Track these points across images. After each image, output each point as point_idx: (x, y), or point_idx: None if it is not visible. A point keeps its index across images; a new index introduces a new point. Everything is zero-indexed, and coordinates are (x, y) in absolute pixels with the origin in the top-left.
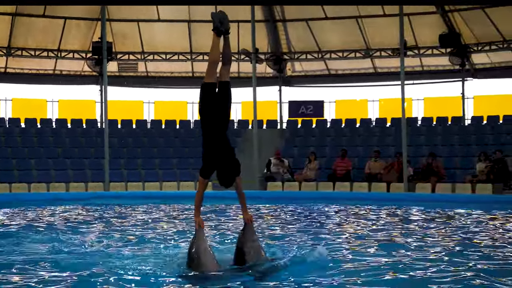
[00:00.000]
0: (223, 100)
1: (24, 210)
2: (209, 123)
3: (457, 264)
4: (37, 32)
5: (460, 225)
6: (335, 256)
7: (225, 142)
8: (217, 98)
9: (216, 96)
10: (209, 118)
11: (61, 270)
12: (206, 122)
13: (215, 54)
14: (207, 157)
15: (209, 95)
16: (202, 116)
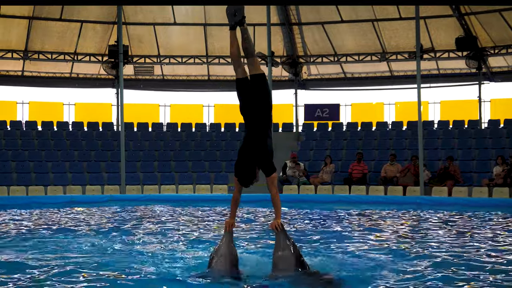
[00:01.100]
0: (255, 93)
1: (53, 213)
2: (247, 119)
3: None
4: (53, 36)
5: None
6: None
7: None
8: (248, 93)
9: (247, 91)
10: (245, 113)
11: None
12: (245, 118)
13: (231, 50)
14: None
15: (239, 91)
16: (241, 113)
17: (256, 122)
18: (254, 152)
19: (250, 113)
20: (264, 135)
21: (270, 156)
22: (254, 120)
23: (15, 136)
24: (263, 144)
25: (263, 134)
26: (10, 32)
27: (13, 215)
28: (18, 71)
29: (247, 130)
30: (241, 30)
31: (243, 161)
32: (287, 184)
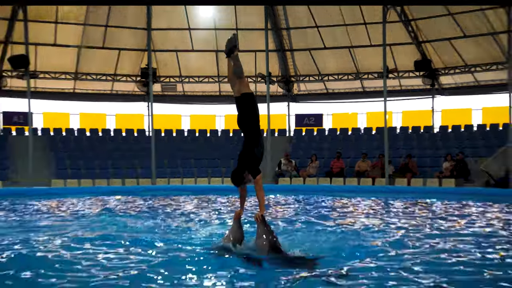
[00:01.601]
0: (244, 109)
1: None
2: (241, 130)
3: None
4: (97, 60)
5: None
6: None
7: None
8: (239, 108)
9: (239, 107)
10: (239, 125)
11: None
12: (240, 129)
13: (228, 73)
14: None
15: (236, 107)
16: (238, 125)
17: (246, 133)
18: (243, 158)
19: (242, 126)
20: (252, 144)
21: (255, 162)
22: (244, 131)
23: (69, 141)
24: (250, 152)
25: (251, 143)
26: (64, 58)
27: (71, 203)
28: (70, 89)
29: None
30: (232, 58)
31: (237, 165)
32: (282, 177)
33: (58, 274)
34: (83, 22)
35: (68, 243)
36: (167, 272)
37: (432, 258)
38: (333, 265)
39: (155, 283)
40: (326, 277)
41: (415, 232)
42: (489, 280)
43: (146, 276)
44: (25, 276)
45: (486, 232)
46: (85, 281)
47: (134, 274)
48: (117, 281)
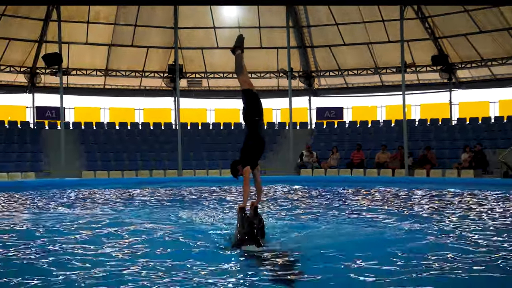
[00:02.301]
0: (243, 104)
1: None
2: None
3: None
4: (127, 58)
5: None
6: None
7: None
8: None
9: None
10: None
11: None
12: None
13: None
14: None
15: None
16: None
17: (246, 126)
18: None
19: (243, 119)
20: (248, 136)
21: (247, 154)
22: (245, 124)
23: (99, 134)
24: (245, 144)
25: (248, 135)
26: (95, 56)
27: (108, 193)
28: (100, 85)
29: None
30: (235, 56)
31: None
32: (304, 168)
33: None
34: (113, 21)
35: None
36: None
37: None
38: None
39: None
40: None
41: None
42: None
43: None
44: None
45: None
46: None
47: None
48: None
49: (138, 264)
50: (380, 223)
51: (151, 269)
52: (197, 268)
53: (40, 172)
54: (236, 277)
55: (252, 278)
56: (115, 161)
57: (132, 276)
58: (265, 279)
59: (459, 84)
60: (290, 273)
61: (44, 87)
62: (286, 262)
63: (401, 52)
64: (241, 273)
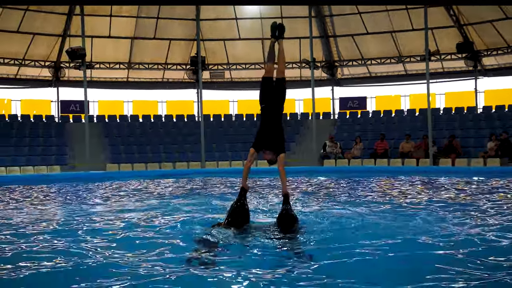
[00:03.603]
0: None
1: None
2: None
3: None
4: (149, 50)
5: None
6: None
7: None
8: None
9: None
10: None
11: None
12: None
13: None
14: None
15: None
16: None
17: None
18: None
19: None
20: (271, 122)
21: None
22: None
23: (123, 127)
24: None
25: (269, 121)
26: (118, 49)
27: (131, 185)
28: (124, 78)
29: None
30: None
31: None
32: (327, 158)
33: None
34: (135, 15)
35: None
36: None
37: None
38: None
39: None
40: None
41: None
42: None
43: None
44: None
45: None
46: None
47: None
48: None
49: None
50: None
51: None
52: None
53: (65, 166)
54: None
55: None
56: (139, 154)
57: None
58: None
59: (484, 72)
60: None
61: (68, 81)
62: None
63: (425, 40)
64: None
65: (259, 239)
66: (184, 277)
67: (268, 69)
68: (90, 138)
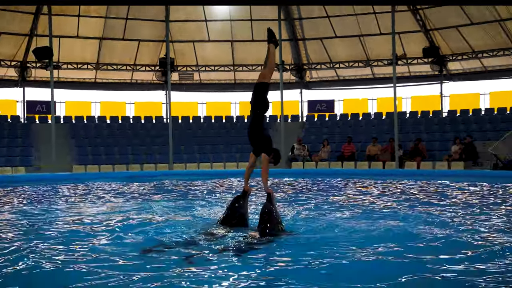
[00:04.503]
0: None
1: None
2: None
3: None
4: (118, 51)
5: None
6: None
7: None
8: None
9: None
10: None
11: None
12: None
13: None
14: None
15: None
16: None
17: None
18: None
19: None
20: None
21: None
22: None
23: (90, 128)
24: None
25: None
26: (86, 49)
27: (95, 186)
28: (91, 79)
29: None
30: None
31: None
32: (295, 161)
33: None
34: (104, 15)
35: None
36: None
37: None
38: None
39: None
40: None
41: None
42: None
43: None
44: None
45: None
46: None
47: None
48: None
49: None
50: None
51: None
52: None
53: (30, 167)
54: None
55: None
56: (106, 155)
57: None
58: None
59: (450, 76)
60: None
61: (35, 81)
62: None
63: (392, 44)
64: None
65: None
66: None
67: (264, 74)
68: (57, 139)
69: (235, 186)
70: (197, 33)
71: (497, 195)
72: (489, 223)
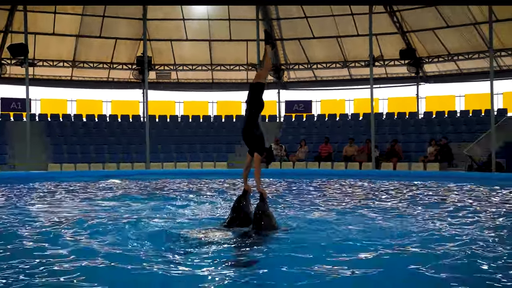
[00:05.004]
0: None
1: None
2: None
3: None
4: (95, 49)
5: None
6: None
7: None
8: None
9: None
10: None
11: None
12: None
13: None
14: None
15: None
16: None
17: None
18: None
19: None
20: (251, 126)
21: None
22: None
23: (66, 126)
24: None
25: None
26: (62, 46)
27: (69, 186)
28: (68, 76)
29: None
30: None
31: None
32: (272, 161)
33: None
34: (81, 12)
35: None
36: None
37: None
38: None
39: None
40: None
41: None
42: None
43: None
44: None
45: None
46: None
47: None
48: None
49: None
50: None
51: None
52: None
53: (5, 165)
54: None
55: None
56: (82, 154)
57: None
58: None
59: (426, 78)
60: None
61: (10, 78)
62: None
63: (369, 45)
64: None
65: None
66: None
67: (260, 74)
68: (32, 137)
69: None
70: (175, 32)
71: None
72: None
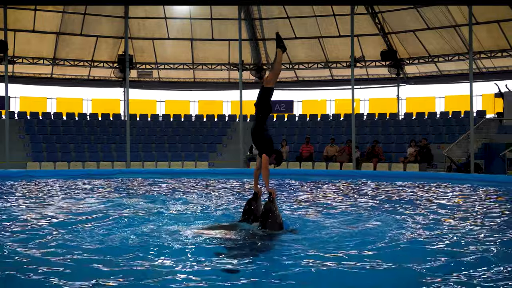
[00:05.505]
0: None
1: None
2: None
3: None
4: (75, 47)
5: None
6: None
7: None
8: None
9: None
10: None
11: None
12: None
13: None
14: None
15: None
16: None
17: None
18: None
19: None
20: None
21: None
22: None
23: (45, 124)
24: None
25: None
26: (42, 44)
27: (49, 184)
28: (48, 74)
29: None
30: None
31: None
32: (253, 161)
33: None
34: (61, 9)
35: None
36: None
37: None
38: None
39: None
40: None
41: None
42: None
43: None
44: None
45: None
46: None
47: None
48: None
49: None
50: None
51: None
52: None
53: None
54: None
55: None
56: (62, 152)
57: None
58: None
59: (406, 80)
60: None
61: None
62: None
63: (351, 46)
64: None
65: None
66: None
67: (269, 78)
68: (10, 135)
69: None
70: (157, 31)
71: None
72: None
